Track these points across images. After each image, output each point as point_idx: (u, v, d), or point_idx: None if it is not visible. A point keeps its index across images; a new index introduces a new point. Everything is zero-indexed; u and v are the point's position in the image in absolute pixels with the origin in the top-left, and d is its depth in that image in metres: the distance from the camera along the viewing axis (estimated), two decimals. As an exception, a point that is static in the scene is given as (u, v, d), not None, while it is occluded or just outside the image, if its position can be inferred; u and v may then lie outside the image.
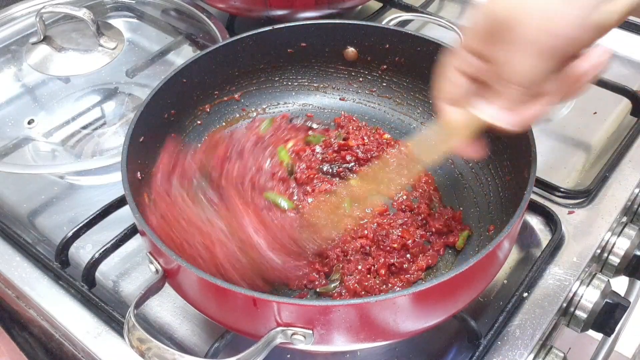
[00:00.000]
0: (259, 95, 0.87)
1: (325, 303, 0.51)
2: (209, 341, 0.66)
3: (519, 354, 0.64)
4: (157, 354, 0.51)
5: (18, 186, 0.87)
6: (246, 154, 0.71)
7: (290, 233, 0.61)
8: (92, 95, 0.97)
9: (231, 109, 0.86)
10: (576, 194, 0.80)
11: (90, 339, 0.66)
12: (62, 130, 0.91)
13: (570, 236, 0.76)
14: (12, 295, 0.74)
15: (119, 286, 0.74)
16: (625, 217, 0.82)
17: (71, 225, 0.74)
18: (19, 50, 1.01)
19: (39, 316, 0.72)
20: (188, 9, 1.06)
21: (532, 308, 0.68)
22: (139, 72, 1.00)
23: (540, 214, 0.78)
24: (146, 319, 0.70)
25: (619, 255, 0.77)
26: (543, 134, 0.90)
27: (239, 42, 0.81)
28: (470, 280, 0.57)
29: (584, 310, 0.70)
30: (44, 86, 0.99)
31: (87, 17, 0.95)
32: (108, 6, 1.14)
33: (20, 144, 0.88)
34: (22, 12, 1.07)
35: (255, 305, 0.51)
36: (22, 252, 0.76)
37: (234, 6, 1.02)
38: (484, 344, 0.63)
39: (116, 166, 0.66)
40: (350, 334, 0.53)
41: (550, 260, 0.73)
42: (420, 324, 0.56)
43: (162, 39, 1.07)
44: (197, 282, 0.55)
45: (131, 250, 0.76)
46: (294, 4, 0.99)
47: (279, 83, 0.88)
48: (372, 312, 0.52)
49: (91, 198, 0.84)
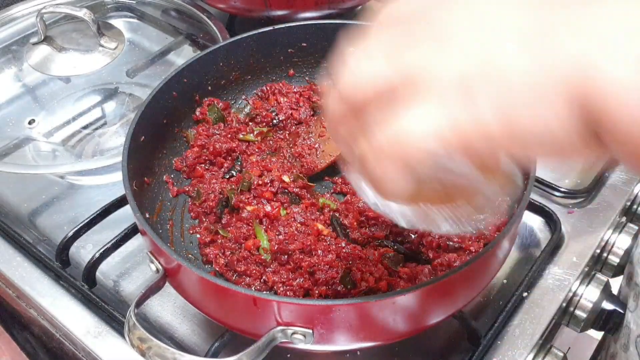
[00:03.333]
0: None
1: (325, 302, 0.51)
2: (209, 340, 0.66)
3: (518, 354, 0.64)
4: (157, 353, 0.52)
5: (19, 186, 0.87)
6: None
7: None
8: (92, 95, 0.97)
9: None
10: (576, 194, 0.80)
11: (90, 338, 0.67)
12: (63, 130, 0.92)
13: (569, 236, 0.76)
14: (13, 295, 0.74)
15: (119, 286, 0.74)
16: (624, 216, 0.82)
17: (72, 225, 0.75)
18: (20, 51, 1.01)
19: (40, 316, 0.72)
20: (188, 9, 1.06)
21: (532, 308, 0.68)
22: (139, 72, 1.00)
23: (540, 214, 0.78)
24: (147, 318, 0.70)
25: (618, 255, 0.77)
26: (543, 134, 0.90)
27: (239, 42, 0.81)
28: (469, 280, 0.57)
29: (583, 310, 0.70)
30: (44, 86, 0.99)
31: (88, 17, 0.96)
32: (108, 6, 1.14)
33: (21, 144, 0.88)
34: (23, 12, 1.07)
35: (255, 305, 0.51)
36: (22, 251, 0.76)
37: (234, 6, 1.02)
38: (483, 344, 0.63)
39: (117, 166, 0.67)
40: (350, 334, 0.53)
41: (549, 260, 0.73)
42: (420, 323, 0.56)
43: (162, 39, 1.08)
44: (197, 282, 0.56)
45: (131, 249, 0.76)
46: (294, 4, 0.99)
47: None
48: (372, 311, 0.52)
49: (91, 198, 0.84)
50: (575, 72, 0.30)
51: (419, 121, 0.34)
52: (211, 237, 0.70)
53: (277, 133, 0.83)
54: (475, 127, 0.32)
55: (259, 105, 0.85)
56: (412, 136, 0.33)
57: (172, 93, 0.76)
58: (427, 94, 0.33)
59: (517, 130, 0.31)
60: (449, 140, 0.33)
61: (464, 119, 0.32)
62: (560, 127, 0.31)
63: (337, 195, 0.77)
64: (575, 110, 0.30)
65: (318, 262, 0.64)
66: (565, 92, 0.30)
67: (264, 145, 0.82)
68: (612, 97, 0.29)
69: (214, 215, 0.72)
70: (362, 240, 0.69)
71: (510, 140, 0.32)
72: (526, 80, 0.31)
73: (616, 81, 0.29)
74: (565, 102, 0.30)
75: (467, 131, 0.32)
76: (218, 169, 0.78)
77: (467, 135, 0.32)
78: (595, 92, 0.29)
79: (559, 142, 0.31)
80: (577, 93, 0.30)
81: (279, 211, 0.71)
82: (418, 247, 0.67)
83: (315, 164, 0.78)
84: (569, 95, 0.30)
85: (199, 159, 0.77)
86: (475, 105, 0.32)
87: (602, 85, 0.29)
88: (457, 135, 0.32)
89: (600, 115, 0.29)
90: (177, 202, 0.74)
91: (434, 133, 0.33)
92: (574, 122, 0.30)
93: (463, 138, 0.32)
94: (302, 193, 0.74)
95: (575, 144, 0.31)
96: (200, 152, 0.77)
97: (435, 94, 0.33)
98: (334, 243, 0.67)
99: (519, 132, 0.31)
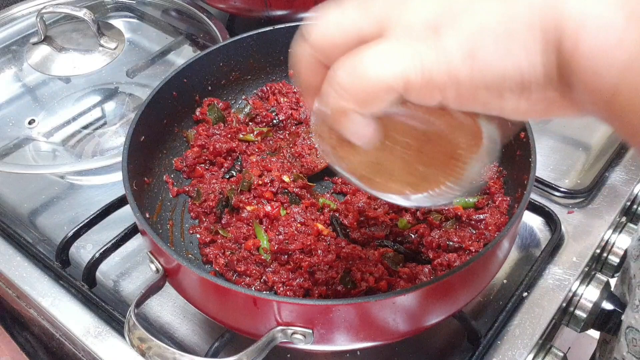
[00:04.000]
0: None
1: (325, 302, 0.51)
2: (209, 340, 0.66)
3: (518, 354, 0.64)
4: (157, 353, 0.52)
5: (19, 186, 0.87)
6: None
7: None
8: (92, 95, 0.97)
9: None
10: (576, 194, 0.80)
11: (90, 338, 0.66)
12: (63, 130, 0.92)
13: (569, 236, 0.76)
14: (13, 295, 0.74)
15: (119, 286, 0.74)
16: (624, 216, 0.82)
17: (71, 225, 0.75)
18: (20, 51, 1.01)
19: (40, 316, 0.72)
20: (188, 9, 1.06)
21: (532, 308, 0.68)
22: (139, 72, 1.00)
23: (540, 214, 0.78)
24: (147, 318, 0.70)
25: (618, 255, 0.77)
26: (543, 134, 0.91)
27: (239, 42, 0.81)
28: (470, 280, 0.57)
29: (583, 310, 0.70)
30: (44, 86, 0.99)
31: (88, 18, 0.96)
32: (109, 6, 1.14)
33: (21, 144, 0.88)
34: (23, 12, 1.08)
35: (255, 305, 0.51)
36: (22, 251, 0.76)
37: (234, 6, 1.02)
38: (483, 344, 0.63)
39: (117, 166, 0.67)
40: (350, 334, 0.53)
41: (549, 260, 0.73)
42: (420, 323, 0.56)
43: (162, 39, 1.08)
44: (197, 282, 0.56)
45: (131, 249, 0.76)
46: (294, 4, 0.99)
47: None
48: (372, 311, 0.52)
49: (91, 198, 0.84)
50: (548, 5, 0.29)
51: (382, 56, 0.32)
52: (211, 237, 0.70)
53: (277, 133, 0.83)
54: (441, 67, 0.30)
55: (259, 105, 0.85)
56: (372, 70, 0.31)
57: (172, 93, 0.76)
58: (394, 34, 0.32)
59: (486, 72, 0.30)
60: (413, 79, 0.31)
61: (430, 59, 0.31)
62: (530, 67, 0.30)
63: (337, 195, 0.77)
64: (548, 47, 0.29)
65: (318, 262, 0.64)
66: (538, 27, 0.29)
67: (264, 145, 0.82)
68: (584, 33, 0.28)
69: (214, 215, 0.72)
70: (362, 240, 0.69)
71: (477, 83, 0.31)
72: (496, 17, 0.30)
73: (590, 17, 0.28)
74: (537, 39, 0.29)
75: (433, 71, 0.31)
76: (218, 169, 0.78)
77: (432, 75, 0.31)
78: (568, 28, 0.28)
79: (528, 87, 0.31)
80: (550, 28, 0.29)
81: (279, 211, 0.71)
82: (418, 247, 0.67)
83: (315, 164, 0.78)
84: (542, 31, 0.29)
85: (199, 159, 0.77)
86: (443, 45, 0.30)
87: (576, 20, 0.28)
88: (422, 75, 0.31)
89: (571, 53, 0.28)
90: (177, 202, 0.74)
91: (398, 69, 0.31)
92: (545, 61, 0.30)
93: (427, 78, 0.31)
94: (302, 193, 0.74)
95: (544, 90, 0.31)
96: (200, 152, 0.77)
97: (402, 34, 0.32)
98: (334, 243, 0.67)
99: (488, 73, 0.30)
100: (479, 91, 0.31)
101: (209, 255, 0.68)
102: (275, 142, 0.82)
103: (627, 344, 0.66)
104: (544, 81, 0.30)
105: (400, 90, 0.32)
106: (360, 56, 0.32)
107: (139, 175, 0.68)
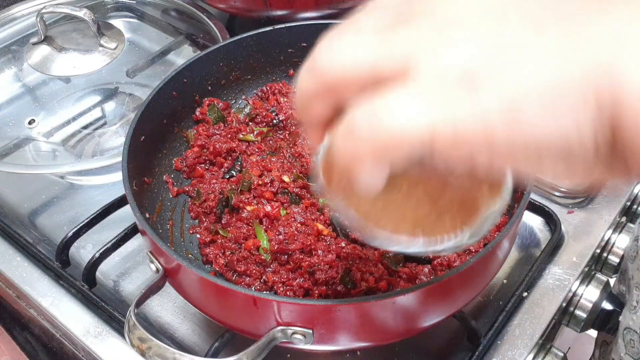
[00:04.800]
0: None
1: (325, 302, 0.51)
2: (209, 340, 0.66)
3: (518, 354, 0.64)
4: (157, 353, 0.52)
5: (19, 186, 0.87)
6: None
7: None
8: (92, 95, 0.97)
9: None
10: (576, 194, 0.80)
11: (90, 338, 0.67)
12: (63, 130, 0.92)
13: (569, 236, 0.76)
14: (13, 295, 0.74)
15: (119, 286, 0.74)
16: (624, 216, 0.82)
17: (71, 225, 0.75)
18: (20, 50, 1.01)
19: (40, 316, 0.72)
20: (188, 9, 1.06)
21: (532, 308, 0.68)
22: (139, 72, 1.00)
23: (540, 214, 0.78)
24: (147, 318, 0.70)
25: (618, 255, 0.77)
26: (543, 134, 0.91)
27: (239, 42, 0.81)
28: (469, 280, 0.57)
29: (583, 310, 0.70)
30: (44, 86, 0.99)
31: (88, 17, 0.96)
32: (108, 6, 1.14)
33: (21, 144, 0.88)
34: (23, 12, 1.08)
35: (255, 305, 0.51)
36: (22, 251, 0.76)
37: (234, 6, 1.02)
38: (483, 344, 0.63)
39: (117, 166, 0.67)
40: (351, 334, 0.53)
41: (549, 260, 0.73)
42: (420, 323, 0.56)
43: (162, 39, 1.08)
44: (197, 282, 0.56)
45: (131, 249, 0.76)
46: (294, 4, 0.99)
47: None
48: (372, 311, 0.52)
49: (91, 198, 0.84)
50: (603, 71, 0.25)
51: (409, 105, 0.27)
52: (211, 237, 0.70)
53: (277, 133, 0.83)
54: (477, 123, 0.27)
55: (259, 105, 0.85)
56: (396, 119, 0.27)
57: (172, 93, 0.76)
58: (422, 80, 0.28)
59: (526, 136, 0.26)
60: (442, 133, 0.27)
61: (464, 112, 0.27)
62: (578, 136, 0.26)
63: (337, 195, 0.77)
64: (601, 120, 0.26)
65: (318, 262, 0.64)
66: (591, 95, 0.25)
67: (264, 145, 0.82)
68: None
69: (214, 215, 0.72)
70: (362, 240, 0.69)
71: (514, 147, 0.27)
72: (545, 75, 0.26)
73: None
74: (589, 108, 0.26)
75: (465, 129, 0.27)
76: (218, 169, 0.78)
77: (463, 133, 0.27)
78: (627, 104, 0.25)
79: (572, 156, 0.27)
80: (605, 100, 0.25)
81: (279, 211, 0.71)
82: (418, 247, 0.67)
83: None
84: (596, 100, 0.25)
85: (199, 159, 0.77)
86: (480, 98, 0.27)
87: (637, 97, 0.24)
88: (453, 129, 0.27)
89: (632, 134, 0.25)
90: (177, 202, 0.74)
91: (425, 120, 0.27)
92: (596, 133, 0.26)
93: (459, 134, 0.27)
94: (302, 193, 0.74)
95: (590, 160, 0.27)
96: (200, 152, 0.77)
97: (432, 81, 0.27)
98: (334, 243, 0.67)
99: (528, 137, 0.26)
100: (516, 154, 0.27)
101: (209, 255, 0.68)
102: (275, 142, 0.82)
103: (624, 345, 0.66)
104: (592, 153, 0.27)
105: (426, 143, 0.27)
106: (384, 101, 0.28)
107: (139, 175, 0.68)
